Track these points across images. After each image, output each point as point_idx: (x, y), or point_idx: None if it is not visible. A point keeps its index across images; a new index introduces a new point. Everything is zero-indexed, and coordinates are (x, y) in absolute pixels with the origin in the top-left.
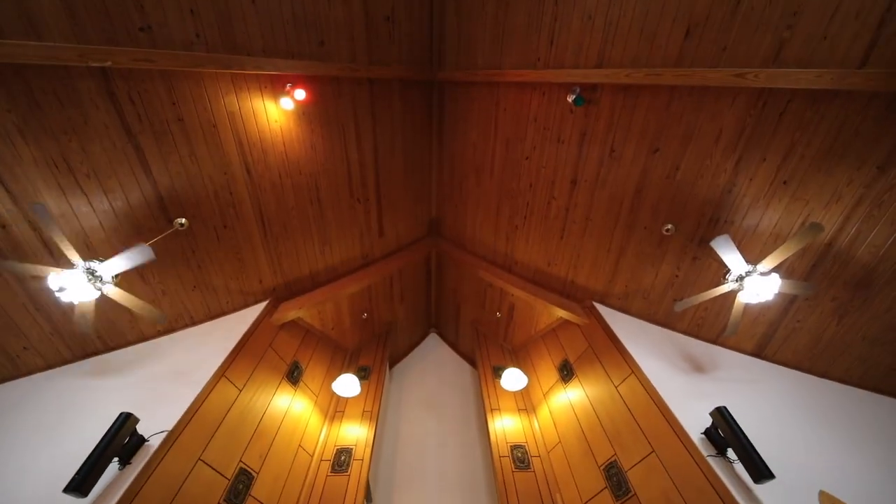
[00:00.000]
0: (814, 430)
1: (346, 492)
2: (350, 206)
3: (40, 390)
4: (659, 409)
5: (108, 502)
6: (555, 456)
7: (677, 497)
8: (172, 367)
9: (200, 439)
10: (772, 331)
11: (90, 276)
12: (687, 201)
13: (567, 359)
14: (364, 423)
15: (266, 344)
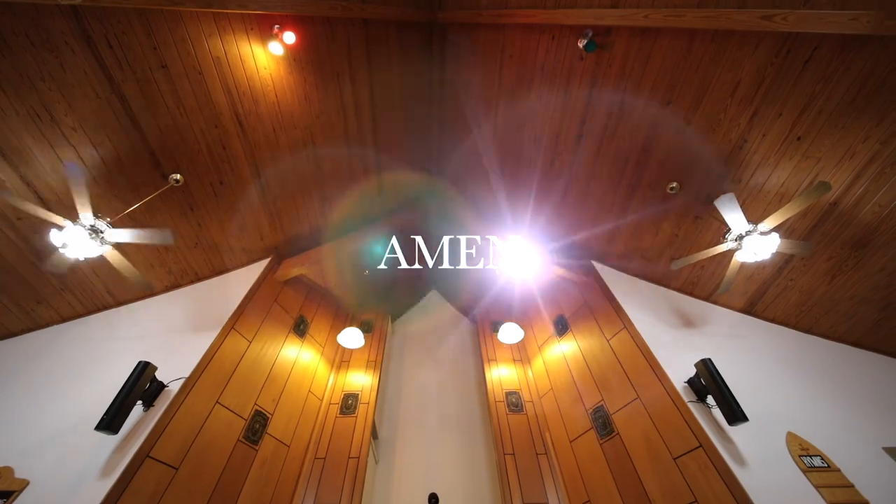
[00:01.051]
0: (790, 380)
1: (354, 431)
2: (349, 163)
3: (59, 341)
4: (647, 361)
5: (137, 438)
6: (546, 401)
7: (656, 436)
8: (183, 320)
9: (216, 385)
10: (764, 289)
11: (93, 233)
12: (695, 158)
13: (563, 314)
14: (369, 371)
15: (272, 299)
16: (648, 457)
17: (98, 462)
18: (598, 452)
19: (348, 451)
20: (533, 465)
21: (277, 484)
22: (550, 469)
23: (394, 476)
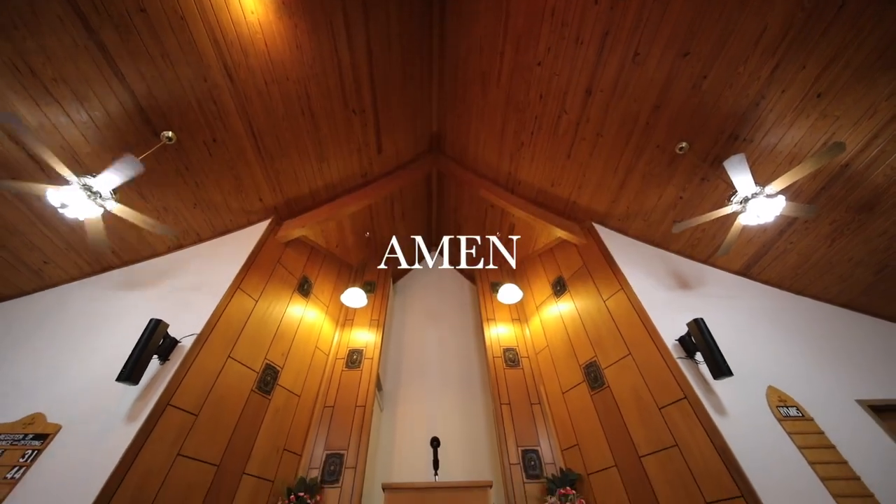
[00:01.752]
0: (778, 338)
1: (360, 383)
2: (345, 119)
3: (71, 300)
4: (641, 320)
5: (157, 388)
6: (542, 357)
7: (644, 389)
8: (189, 280)
9: (227, 341)
10: (763, 252)
11: (88, 192)
12: (708, 116)
13: (561, 275)
14: (372, 329)
15: (275, 260)
16: (635, 406)
17: (123, 409)
18: (588, 403)
19: (355, 400)
20: (527, 414)
21: (291, 429)
22: (543, 417)
23: (397, 423)
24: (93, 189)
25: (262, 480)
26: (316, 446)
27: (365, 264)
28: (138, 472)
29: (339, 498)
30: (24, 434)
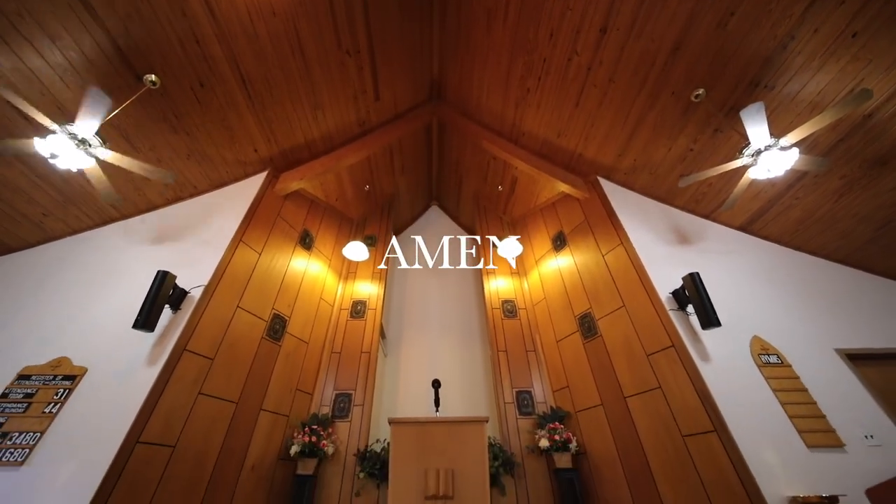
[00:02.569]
0: (770, 292)
1: (364, 331)
2: (339, 61)
3: (76, 252)
4: (637, 274)
5: (172, 335)
6: (539, 308)
7: (634, 337)
8: (191, 233)
9: (234, 292)
10: (767, 207)
11: (75, 140)
12: (730, 59)
13: (562, 230)
14: (374, 281)
15: (275, 213)
16: (624, 353)
17: (142, 354)
18: (580, 350)
19: (360, 347)
20: (522, 360)
21: (301, 372)
22: (537, 363)
23: (401, 367)
24: (78, 137)
25: (278, 416)
26: (326, 387)
27: (365, 218)
28: (165, 408)
29: (349, 431)
30: (54, 375)
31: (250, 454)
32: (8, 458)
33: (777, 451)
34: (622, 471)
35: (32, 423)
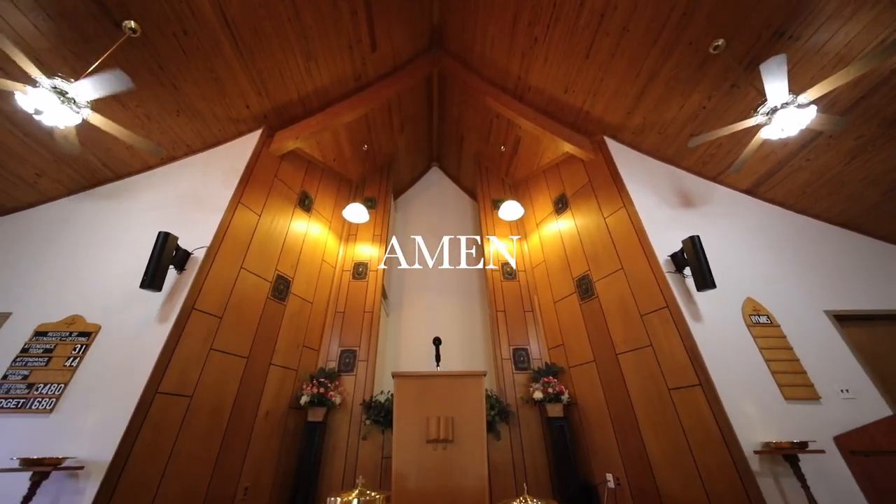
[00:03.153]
0: (768, 255)
1: (367, 292)
2: (332, 6)
3: (76, 212)
4: (638, 238)
5: (180, 294)
6: (538, 271)
7: (630, 299)
8: (188, 193)
9: (237, 253)
10: (776, 169)
11: (60, 96)
12: (755, 6)
13: (564, 193)
14: (375, 244)
15: (272, 174)
16: (619, 313)
17: (152, 312)
18: (576, 310)
19: (363, 307)
20: (520, 320)
21: (307, 331)
22: (534, 323)
23: (402, 326)
24: (66, 94)
25: (287, 370)
26: (331, 344)
27: (365, 179)
28: (179, 362)
29: (354, 383)
30: (70, 332)
31: (263, 403)
32: (37, 407)
33: (756, 403)
34: (610, 419)
35: (55, 375)
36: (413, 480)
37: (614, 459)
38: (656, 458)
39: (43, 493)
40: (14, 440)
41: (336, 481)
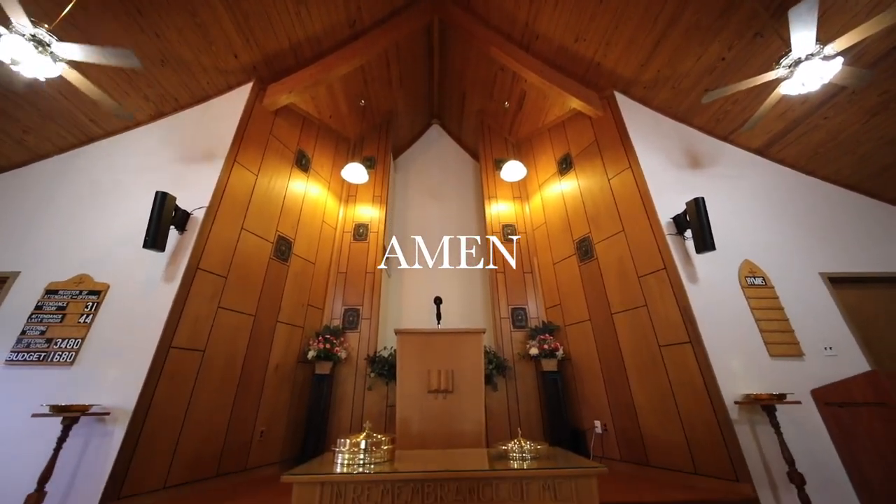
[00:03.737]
0: (770, 216)
1: (368, 253)
2: None
3: (69, 171)
4: (641, 200)
5: (183, 254)
6: (538, 233)
7: (629, 260)
8: (181, 152)
9: (237, 214)
10: (791, 127)
11: (38, 45)
12: None
13: (569, 153)
14: (375, 205)
15: (266, 131)
16: (617, 274)
17: (158, 272)
18: (575, 272)
19: (365, 268)
20: (519, 281)
21: (311, 290)
22: (533, 284)
23: (404, 286)
24: (44, 42)
25: (293, 327)
26: (335, 303)
27: (363, 138)
28: (189, 319)
29: (358, 339)
30: (80, 290)
31: (272, 358)
32: (58, 360)
33: (742, 359)
34: (601, 373)
35: (72, 331)
36: (416, 425)
37: (603, 408)
38: (642, 408)
39: (75, 434)
40: (42, 390)
41: (344, 426)
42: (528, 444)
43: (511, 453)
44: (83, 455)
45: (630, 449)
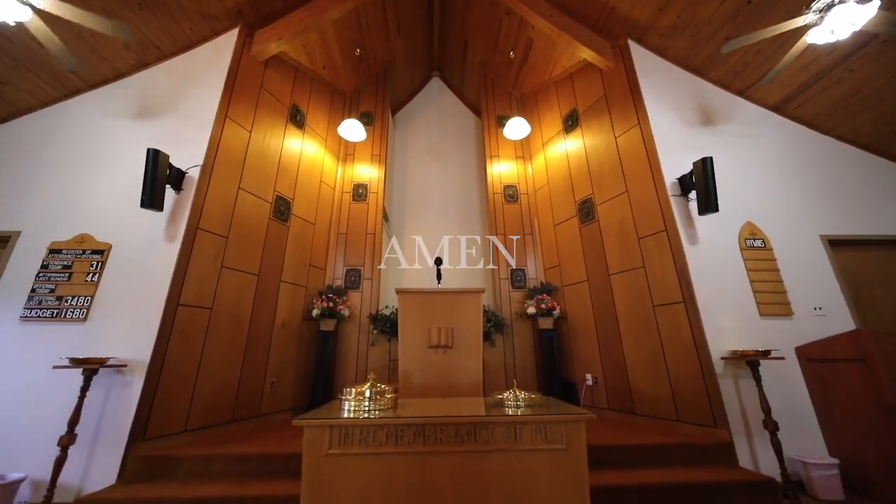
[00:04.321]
0: (778, 176)
1: (368, 214)
2: None
3: (54, 127)
4: (648, 159)
5: (182, 214)
6: (540, 194)
7: (630, 222)
8: (169, 106)
9: (233, 173)
10: (812, 81)
11: None
12: None
13: (576, 108)
14: (374, 164)
15: (257, 83)
16: (617, 236)
17: (158, 232)
18: (575, 233)
19: (365, 229)
20: (519, 242)
21: (312, 251)
22: (533, 245)
23: (405, 247)
24: None
25: (297, 286)
26: (336, 264)
27: (359, 91)
28: (194, 278)
29: (360, 298)
30: (83, 250)
31: (278, 316)
32: (71, 316)
33: (733, 318)
34: (595, 330)
35: (80, 289)
36: (417, 377)
37: (594, 363)
38: (632, 362)
39: (96, 384)
40: (58, 344)
41: (350, 378)
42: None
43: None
44: (106, 403)
45: (618, 399)
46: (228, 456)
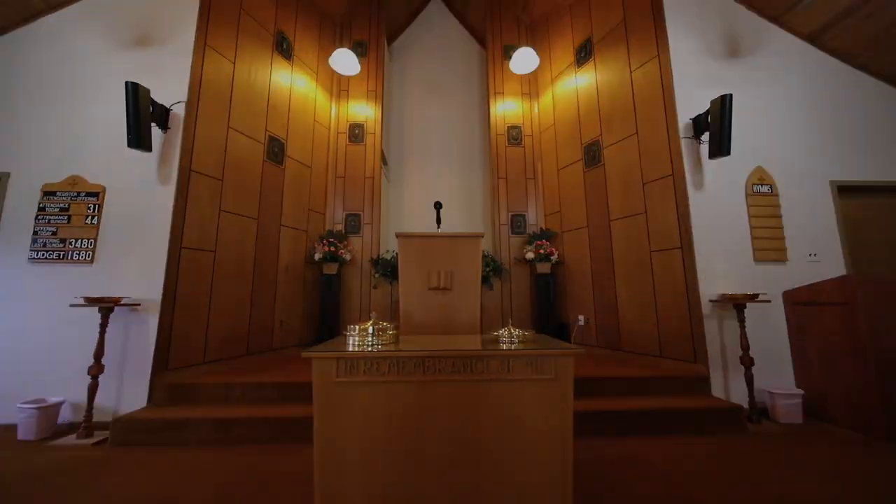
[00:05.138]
0: (800, 117)
1: (365, 157)
2: None
3: (19, 58)
4: (663, 97)
5: (172, 155)
6: (545, 136)
7: (636, 167)
8: (141, 33)
9: (220, 110)
10: (854, 9)
11: None
12: None
13: (590, 37)
14: (370, 102)
15: (236, 4)
16: (621, 182)
17: (150, 173)
18: (579, 179)
19: (363, 172)
20: (521, 187)
21: (310, 195)
22: (535, 190)
23: (404, 192)
24: None
25: (298, 230)
26: (336, 209)
27: (351, 16)
28: (194, 221)
29: (361, 243)
30: (77, 192)
31: (282, 259)
32: (78, 258)
33: (727, 263)
34: (590, 276)
35: (82, 232)
36: (417, 317)
37: (588, 306)
38: (623, 304)
39: (114, 321)
40: (69, 284)
41: (353, 317)
42: (516, 331)
43: (501, 338)
44: (126, 338)
45: (607, 337)
46: (246, 383)
